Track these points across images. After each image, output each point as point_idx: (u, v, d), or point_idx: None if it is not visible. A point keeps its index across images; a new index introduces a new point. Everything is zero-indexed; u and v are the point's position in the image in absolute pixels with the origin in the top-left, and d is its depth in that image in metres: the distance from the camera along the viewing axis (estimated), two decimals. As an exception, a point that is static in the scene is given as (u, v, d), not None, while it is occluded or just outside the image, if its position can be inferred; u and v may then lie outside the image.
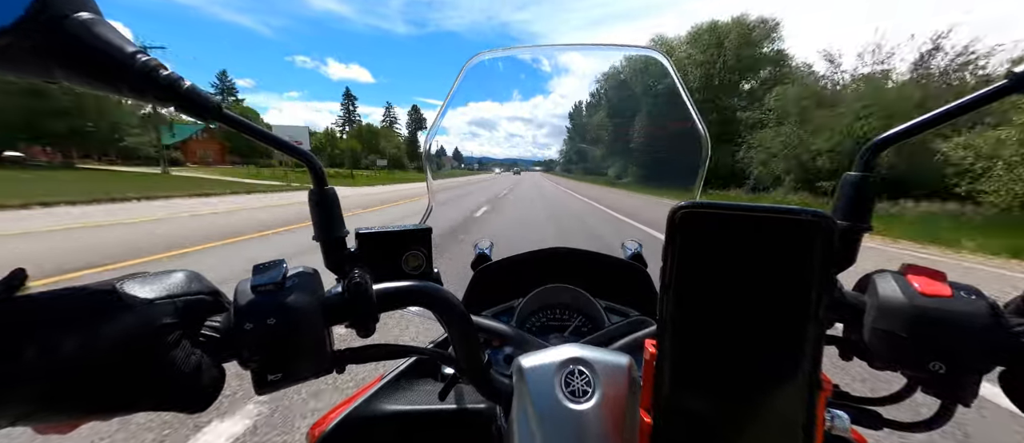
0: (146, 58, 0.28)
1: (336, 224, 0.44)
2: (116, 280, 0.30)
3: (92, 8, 0.26)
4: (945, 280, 0.31)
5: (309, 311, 0.32)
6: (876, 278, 0.33)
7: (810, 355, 0.29)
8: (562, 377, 0.36)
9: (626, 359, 0.37)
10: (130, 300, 0.28)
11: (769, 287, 0.28)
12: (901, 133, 0.34)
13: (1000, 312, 0.30)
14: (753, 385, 0.29)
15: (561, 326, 0.72)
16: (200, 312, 0.32)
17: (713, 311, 0.29)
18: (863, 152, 0.36)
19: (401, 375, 0.66)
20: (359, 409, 0.59)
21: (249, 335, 0.31)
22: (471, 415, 0.58)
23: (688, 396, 0.30)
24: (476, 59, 0.81)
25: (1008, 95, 0.30)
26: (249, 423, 1.89)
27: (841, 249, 0.36)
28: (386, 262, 0.51)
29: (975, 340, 0.29)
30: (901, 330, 0.30)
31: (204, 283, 0.33)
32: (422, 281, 0.38)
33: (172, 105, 0.30)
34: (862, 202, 0.36)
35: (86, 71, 0.26)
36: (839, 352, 0.36)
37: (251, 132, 0.35)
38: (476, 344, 0.39)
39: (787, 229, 0.28)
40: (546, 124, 1.15)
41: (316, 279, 0.34)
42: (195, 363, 0.29)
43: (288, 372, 0.33)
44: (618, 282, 0.79)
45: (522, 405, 0.37)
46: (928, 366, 0.29)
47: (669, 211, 0.29)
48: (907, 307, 0.30)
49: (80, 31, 0.25)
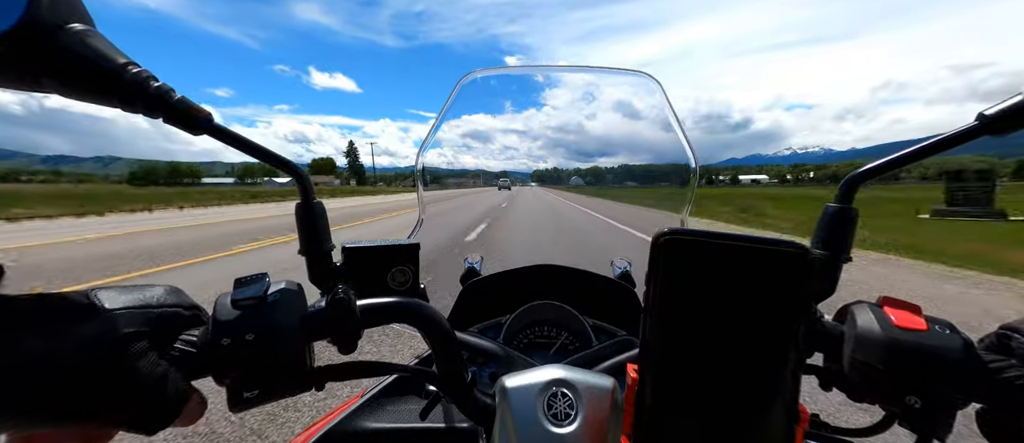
0: (137, 69, 0.28)
1: (322, 238, 0.44)
2: (92, 289, 0.29)
3: (84, 19, 0.26)
4: (920, 313, 0.32)
5: (289, 326, 0.32)
6: (854, 309, 0.34)
7: (789, 385, 0.29)
8: (545, 399, 0.36)
9: (610, 382, 0.37)
10: (100, 308, 0.28)
11: (749, 315, 0.29)
12: (878, 168, 0.35)
13: (973, 348, 0.30)
14: (733, 413, 0.29)
15: (548, 343, 0.72)
16: (174, 325, 0.31)
17: (694, 337, 0.29)
18: (842, 185, 0.37)
19: (383, 392, 0.65)
20: (339, 426, 0.58)
21: (225, 350, 0.30)
22: (453, 434, 0.57)
23: (668, 423, 0.30)
24: (470, 77, 0.82)
25: (980, 135, 0.31)
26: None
27: (821, 280, 0.37)
28: (372, 277, 0.50)
29: (948, 375, 0.29)
30: (878, 362, 0.30)
31: (182, 298, 0.33)
32: (407, 297, 0.38)
33: (161, 116, 0.30)
34: (842, 233, 0.37)
35: (76, 82, 0.26)
36: (819, 382, 0.36)
37: (241, 145, 0.34)
38: (460, 362, 0.39)
39: (766, 259, 0.29)
40: (541, 137, 1.16)
41: (299, 294, 0.34)
42: (160, 375, 0.28)
43: (265, 389, 0.32)
44: (606, 300, 0.80)
45: (504, 427, 0.36)
46: (904, 400, 0.30)
47: (653, 236, 0.30)
48: (883, 339, 0.30)
49: (71, 42, 0.25)
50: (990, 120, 0.30)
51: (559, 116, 1.08)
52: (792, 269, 0.28)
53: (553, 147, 1.21)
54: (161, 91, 0.29)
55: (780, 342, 0.29)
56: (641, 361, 0.31)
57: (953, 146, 0.32)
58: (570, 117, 1.07)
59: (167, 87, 0.29)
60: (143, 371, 0.27)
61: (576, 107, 1.06)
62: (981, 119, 0.31)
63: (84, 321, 0.27)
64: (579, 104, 1.06)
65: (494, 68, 0.86)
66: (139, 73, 0.28)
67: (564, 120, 1.07)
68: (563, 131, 1.13)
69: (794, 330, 0.29)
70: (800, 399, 0.29)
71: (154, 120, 0.30)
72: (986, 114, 0.30)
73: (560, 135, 1.15)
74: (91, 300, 0.28)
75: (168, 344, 0.30)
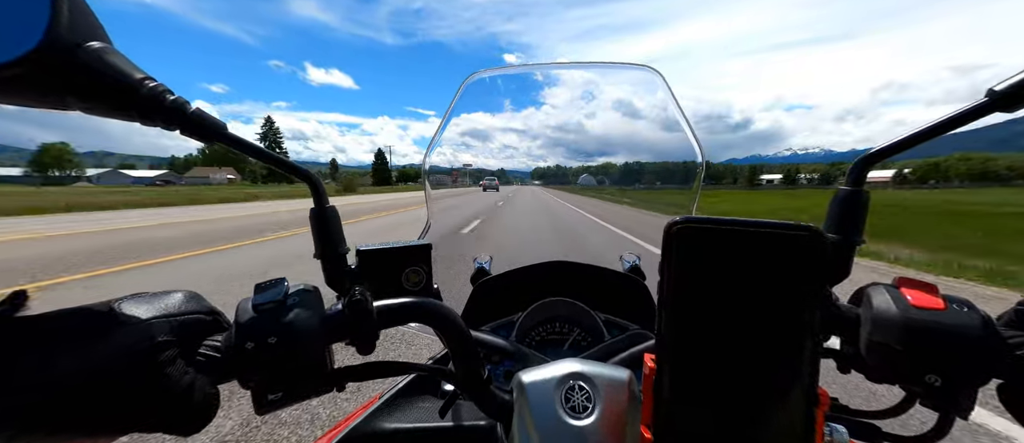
0: (154, 84, 0.29)
1: (337, 241, 0.44)
2: (115, 300, 0.30)
3: (102, 37, 0.27)
4: (937, 293, 0.32)
5: (310, 329, 0.32)
6: (870, 291, 0.34)
7: (807, 368, 0.29)
8: (562, 393, 0.36)
9: (626, 374, 0.38)
10: (125, 319, 0.29)
11: (764, 301, 0.29)
12: (889, 149, 0.35)
13: (992, 325, 0.30)
14: (752, 399, 0.29)
15: (561, 340, 0.72)
16: (197, 331, 0.32)
17: (711, 325, 0.29)
18: (853, 167, 0.37)
19: (400, 392, 0.65)
20: (359, 427, 0.58)
21: (250, 354, 0.31)
22: (471, 432, 0.57)
23: (688, 411, 0.30)
24: (474, 77, 0.82)
25: (990, 112, 0.31)
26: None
27: (834, 262, 0.37)
28: (386, 278, 0.51)
29: (969, 353, 0.29)
30: (896, 343, 0.30)
31: (203, 303, 0.33)
32: (422, 297, 0.38)
33: (178, 128, 0.30)
34: (854, 216, 0.37)
35: (97, 99, 0.27)
36: (837, 365, 0.36)
37: (254, 153, 0.35)
38: (476, 360, 0.39)
39: (779, 243, 0.29)
40: (541, 136, 1.16)
41: (317, 297, 0.35)
42: (189, 382, 0.29)
43: (289, 391, 0.32)
44: (616, 295, 0.80)
45: (522, 421, 0.37)
46: (924, 379, 0.30)
47: (665, 226, 0.30)
48: (900, 320, 0.30)
49: (91, 60, 0.26)
50: (1000, 96, 0.30)
51: (562, 114, 1.09)
52: (806, 252, 0.28)
53: (555, 145, 1.21)
54: (177, 104, 0.30)
55: (797, 326, 0.29)
56: (658, 351, 0.31)
57: (964, 123, 0.31)
58: (573, 115, 1.07)
59: (182, 100, 0.30)
60: (173, 379, 0.28)
61: (579, 104, 1.06)
62: (990, 95, 0.30)
63: (113, 334, 0.28)
64: (582, 101, 1.06)
65: (498, 68, 0.86)
66: (156, 88, 0.29)
67: (567, 118, 1.08)
68: (565, 129, 1.14)
69: (810, 313, 0.29)
70: (819, 382, 0.29)
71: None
72: (995, 90, 0.30)
73: (562, 133, 1.15)
74: (116, 312, 0.29)
75: (193, 350, 0.31)
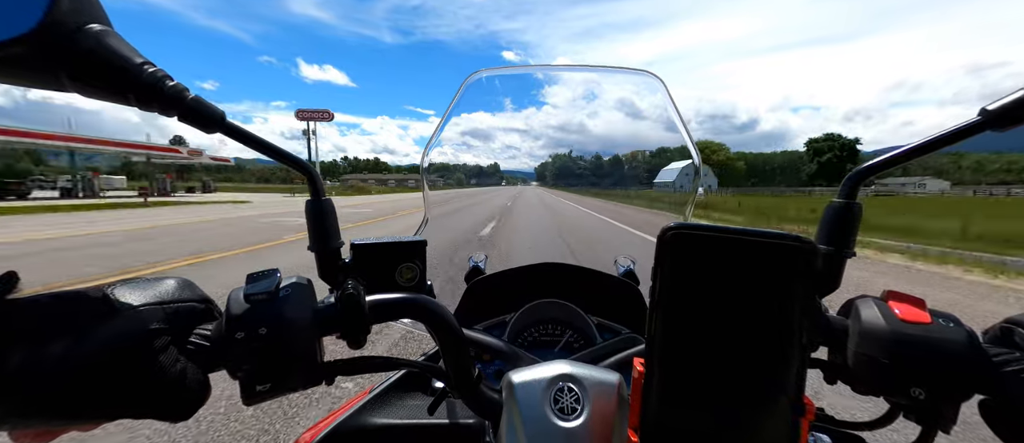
0: (153, 69, 0.29)
1: (331, 235, 0.44)
2: (107, 285, 0.30)
3: (103, 20, 0.27)
4: (925, 307, 0.32)
5: (301, 321, 0.32)
6: (858, 303, 0.34)
7: (794, 378, 0.29)
8: (552, 394, 0.36)
9: (615, 377, 0.38)
10: (119, 305, 0.28)
11: (754, 309, 0.29)
12: (881, 163, 0.36)
13: (977, 340, 0.30)
14: (739, 406, 0.30)
15: (552, 341, 0.72)
16: (190, 319, 0.32)
17: (700, 331, 0.30)
18: (845, 181, 0.37)
19: (390, 388, 0.65)
20: (347, 421, 0.58)
21: (239, 344, 0.31)
22: (460, 430, 0.57)
23: (675, 416, 0.30)
24: (475, 77, 0.82)
25: (982, 131, 0.31)
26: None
27: (825, 274, 0.37)
28: (380, 274, 0.51)
29: (953, 367, 0.29)
30: (883, 355, 0.30)
31: (195, 291, 0.33)
32: (415, 294, 0.38)
33: (176, 115, 0.30)
34: (845, 228, 0.37)
35: (95, 82, 0.27)
36: (824, 375, 0.36)
37: (253, 143, 0.35)
38: (467, 358, 0.39)
39: (771, 253, 0.29)
40: (542, 137, 1.16)
41: (309, 290, 0.34)
42: (180, 370, 0.29)
43: (277, 383, 0.32)
44: (610, 299, 0.80)
45: (511, 421, 0.37)
46: (909, 392, 0.30)
47: (659, 231, 0.30)
48: (888, 333, 0.30)
49: (91, 42, 0.26)
50: (992, 115, 0.30)
51: (562, 115, 1.09)
52: (797, 262, 0.29)
53: (555, 147, 1.21)
54: (176, 90, 0.29)
55: (785, 335, 0.29)
56: (647, 354, 0.31)
57: (956, 141, 0.32)
58: (573, 116, 1.07)
59: (181, 86, 0.30)
60: (165, 367, 0.28)
61: (579, 106, 1.06)
62: (983, 114, 0.31)
63: (106, 320, 0.27)
64: (582, 103, 1.06)
65: (499, 68, 0.86)
66: (155, 73, 0.29)
67: (567, 119, 1.08)
68: (565, 130, 1.14)
69: (799, 323, 0.29)
70: (805, 392, 0.30)
71: (163, 117, 0.31)
72: (988, 109, 0.31)
73: (562, 134, 1.15)
74: (110, 298, 0.29)
75: (184, 338, 0.31)
